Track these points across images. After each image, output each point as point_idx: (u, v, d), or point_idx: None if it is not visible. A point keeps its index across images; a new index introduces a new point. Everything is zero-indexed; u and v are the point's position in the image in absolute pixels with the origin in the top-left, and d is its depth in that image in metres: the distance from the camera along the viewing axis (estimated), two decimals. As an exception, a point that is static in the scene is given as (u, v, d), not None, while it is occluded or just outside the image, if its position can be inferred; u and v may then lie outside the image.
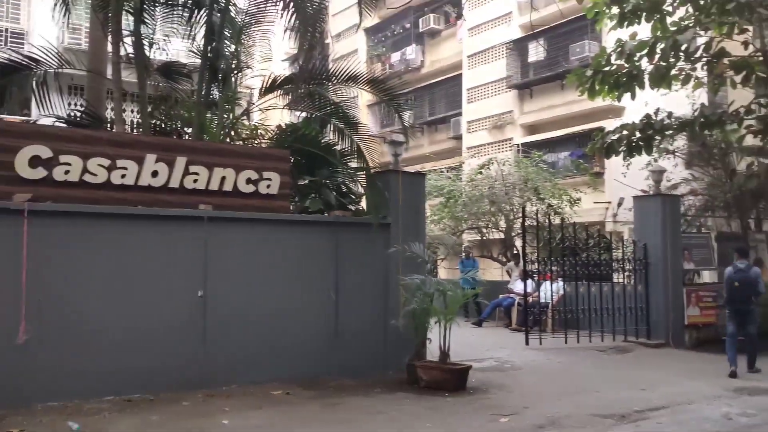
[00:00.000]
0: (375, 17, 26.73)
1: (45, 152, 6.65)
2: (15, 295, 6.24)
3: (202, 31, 9.64)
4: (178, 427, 5.70)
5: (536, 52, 21.48)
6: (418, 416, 6.31)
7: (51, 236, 6.56)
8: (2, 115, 11.41)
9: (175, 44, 10.81)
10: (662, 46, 9.37)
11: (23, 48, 13.82)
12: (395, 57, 26.58)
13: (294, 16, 9.30)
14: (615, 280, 12.25)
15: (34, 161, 6.61)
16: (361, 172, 9.43)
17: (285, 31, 9.85)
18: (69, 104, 10.97)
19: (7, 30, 16.94)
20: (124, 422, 5.80)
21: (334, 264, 8.26)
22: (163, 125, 9.88)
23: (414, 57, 26.01)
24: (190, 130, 9.69)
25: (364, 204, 9.44)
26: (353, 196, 9.49)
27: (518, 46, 22.14)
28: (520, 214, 16.65)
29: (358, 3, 9.91)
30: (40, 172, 6.63)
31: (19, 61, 9.11)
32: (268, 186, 7.98)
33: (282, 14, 9.42)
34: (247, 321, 7.59)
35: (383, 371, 8.16)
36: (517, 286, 13.96)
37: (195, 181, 7.48)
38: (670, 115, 10.66)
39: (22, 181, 6.54)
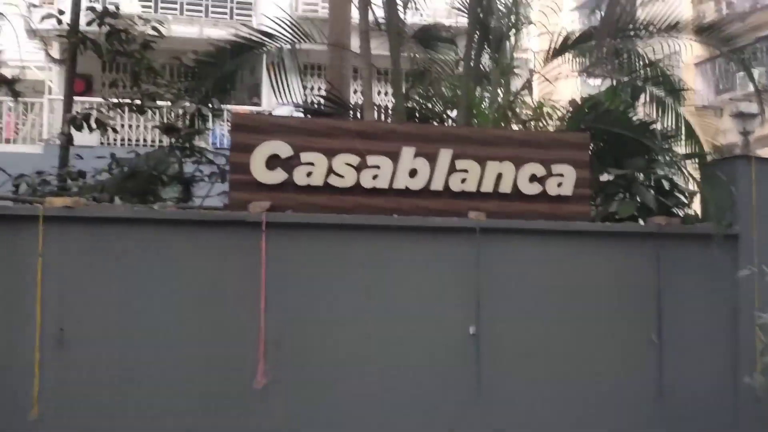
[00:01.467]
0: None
1: (285, 150, 7.21)
2: (252, 329, 6.78)
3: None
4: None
5: None
6: None
7: (291, 254, 7.10)
8: (231, 106, 12.59)
9: (433, 1, 11.21)
10: None
11: (251, 21, 15.30)
12: (735, -9, 24.98)
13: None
14: None
15: (272, 161, 7.20)
16: (693, 160, 9.05)
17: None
18: (305, 88, 11.89)
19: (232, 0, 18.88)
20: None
21: (655, 293, 7.93)
22: (421, 109, 10.28)
23: (764, -10, 24.23)
24: (454, 114, 9.98)
25: (696, 207, 8.97)
26: (682, 196, 9.03)
27: None
28: None
29: None
30: (278, 175, 7.21)
31: (249, 37, 9.95)
32: (560, 184, 7.89)
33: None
34: (533, 368, 7.58)
35: (731, 450, 7.68)
36: None
37: (463, 181, 7.63)
38: None
39: (257, 186, 7.14)
